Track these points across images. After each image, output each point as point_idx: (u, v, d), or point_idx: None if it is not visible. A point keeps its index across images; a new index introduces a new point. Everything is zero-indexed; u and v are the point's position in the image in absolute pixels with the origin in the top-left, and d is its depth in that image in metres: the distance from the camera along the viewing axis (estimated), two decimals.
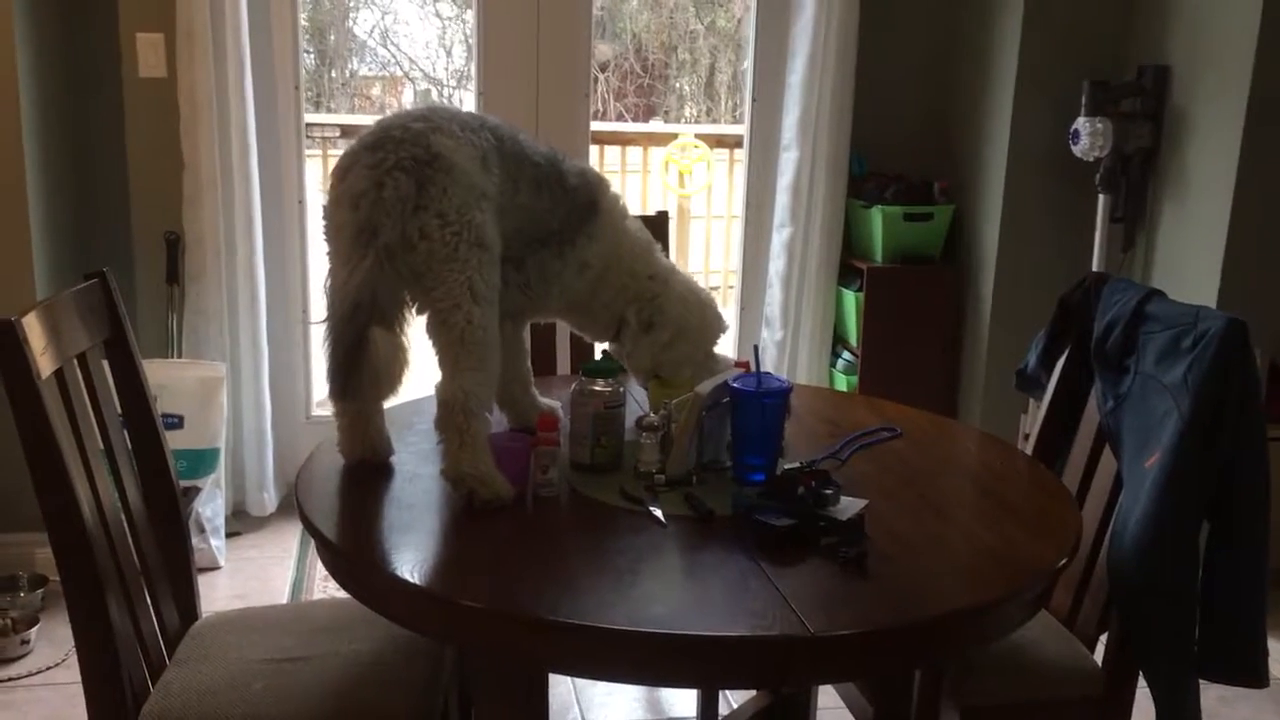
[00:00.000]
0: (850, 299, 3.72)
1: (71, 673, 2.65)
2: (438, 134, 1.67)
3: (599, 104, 7.14)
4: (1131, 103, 3.26)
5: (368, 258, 1.60)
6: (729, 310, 2.96)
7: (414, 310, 1.71)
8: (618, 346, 1.96)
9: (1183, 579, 1.76)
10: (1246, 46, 2.87)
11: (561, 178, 1.84)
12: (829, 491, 1.58)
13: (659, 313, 1.91)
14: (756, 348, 1.93)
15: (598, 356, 2.17)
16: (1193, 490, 1.73)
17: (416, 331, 1.76)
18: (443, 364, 1.67)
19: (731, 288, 4.28)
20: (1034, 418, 2.22)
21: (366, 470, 1.77)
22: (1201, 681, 1.80)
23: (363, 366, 1.61)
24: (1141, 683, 1.82)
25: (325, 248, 1.71)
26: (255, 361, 3.46)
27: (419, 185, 1.62)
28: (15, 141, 2.92)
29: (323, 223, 1.70)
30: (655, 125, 7.30)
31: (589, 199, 1.88)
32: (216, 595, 3.09)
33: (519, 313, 1.89)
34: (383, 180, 1.61)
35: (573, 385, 1.81)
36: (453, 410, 1.63)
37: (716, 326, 1.98)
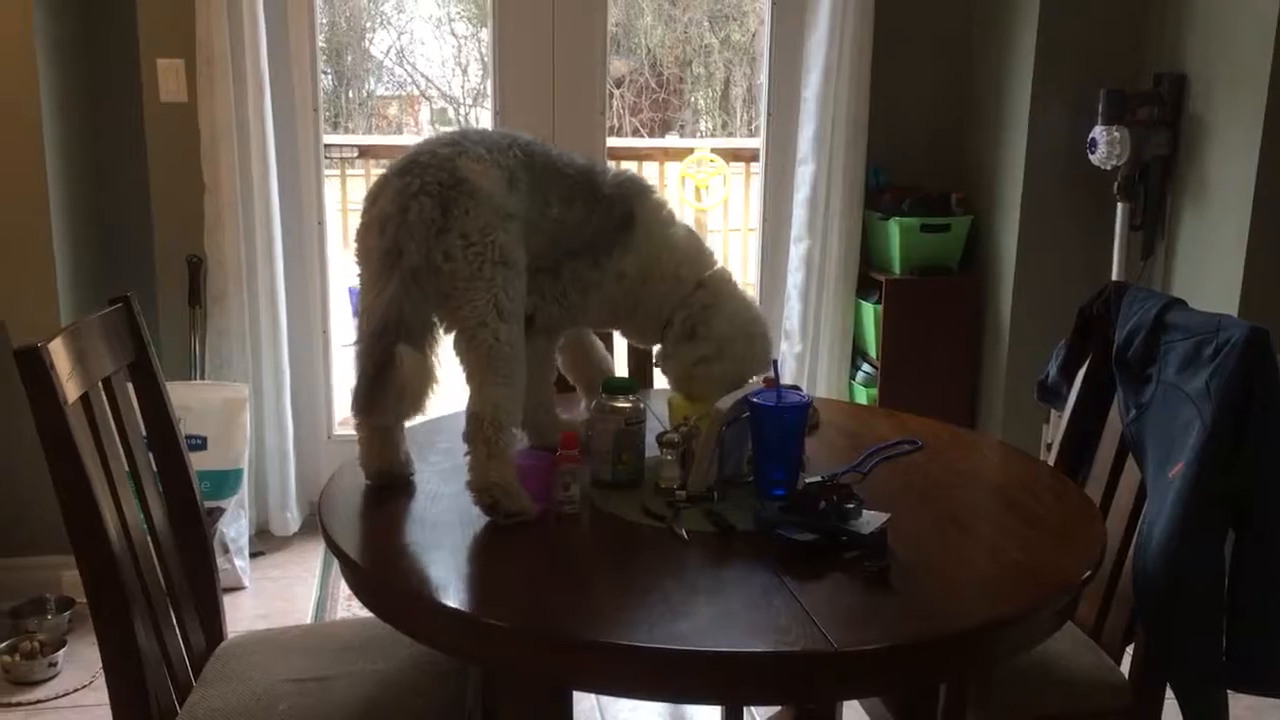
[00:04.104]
0: (869, 311, 3.71)
1: (99, 695, 2.67)
2: (464, 158, 1.69)
3: (614, 120, 7.15)
4: (1149, 111, 3.25)
5: (394, 279, 1.63)
6: None
7: (443, 329, 1.73)
8: (659, 351, 1.95)
9: (1209, 589, 1.75)
10: (1264, 53, 2.86)
11: (596, 189, 1.85)
12: (851, 505, 1.58)
13: (704, 324, 1.88)
14: (776, 361, 1.93)
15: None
16: (1217, 499, 1.72)
17: (446, 352, 1.77)
18: (471, 379, 1.69)
19: None
20: (1055, 428, 2.21)
21: (389, 489, 1.78)
22: (1229, 692, 1.79)
23: (389, 383, 1.63)
24: (1169, 694, 1.81)
25: (348, 269, 1.74)
26: (277, 382, 3.48)
27: (444, 209, 1.65)
28: (39, 168, 2.95)
29: (354, 246, 1.73)
30: (671, 140, 7.32)
31: (625, 209, 1.87)
32: (241, 615, 3.10)
33: (554, 326, 1.89)
34: (408, 204, 1.64)
35: (593, 402, 1.82)
36: (481, 423, 1.64)
37: (761, 359, 1.93)
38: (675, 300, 1.90)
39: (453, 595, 1.44)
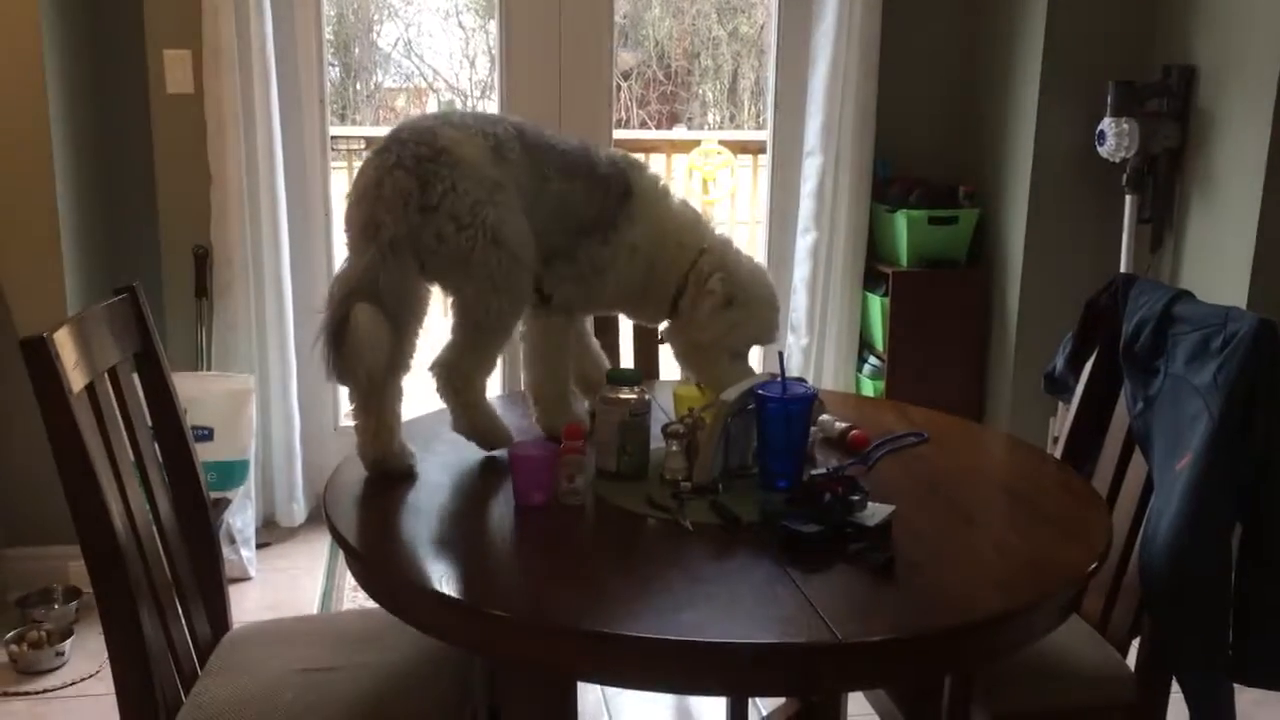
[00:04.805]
0: (876, 304, 3.70)
1: (105, 684, 2.68)
2: (445, 127, 1.75)
3: (622, 112, 7.14)
4: (1157, 103, 3.23)
5: (369, 251, 1.68)
6: None
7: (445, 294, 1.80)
8: (671, 323, 1.96)
9: (1215, 582, 1.74)
10: (1273, 45, 2.85)
11: (593, 166, 1.88)
12: (856, 497, 1.57)
13: (740, 289, 1.90)
14: (781, 354, 1.93)
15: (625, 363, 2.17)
16: (1225, 492, 1.72)
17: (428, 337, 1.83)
18: (453, 332, 1.78)
19: None
20: (1063, 421, 2.20)
21: (394, 481, 1.78)
22: (1235, 685, 1.78)
23: (344, 344, 1.66)
24: (1175, 687, 1.81)
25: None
26: (283, 373, 3.48)
27: (422, 182, 1.69)
28: (45, 159, 2.96)
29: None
30: (678, 132, 7.29)
31: (623, 183, 1.90)
32: (247, 606, 3.11)
33: (572, 305, 1.91)
34: (382, 179, 1.70)
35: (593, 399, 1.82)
36: (449, 374, 1.78)
37: (775, 324, 1.97)
38: (681, 269, 1.91)
39: (457, 586, 1.44)
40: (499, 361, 1.86)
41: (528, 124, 1.85)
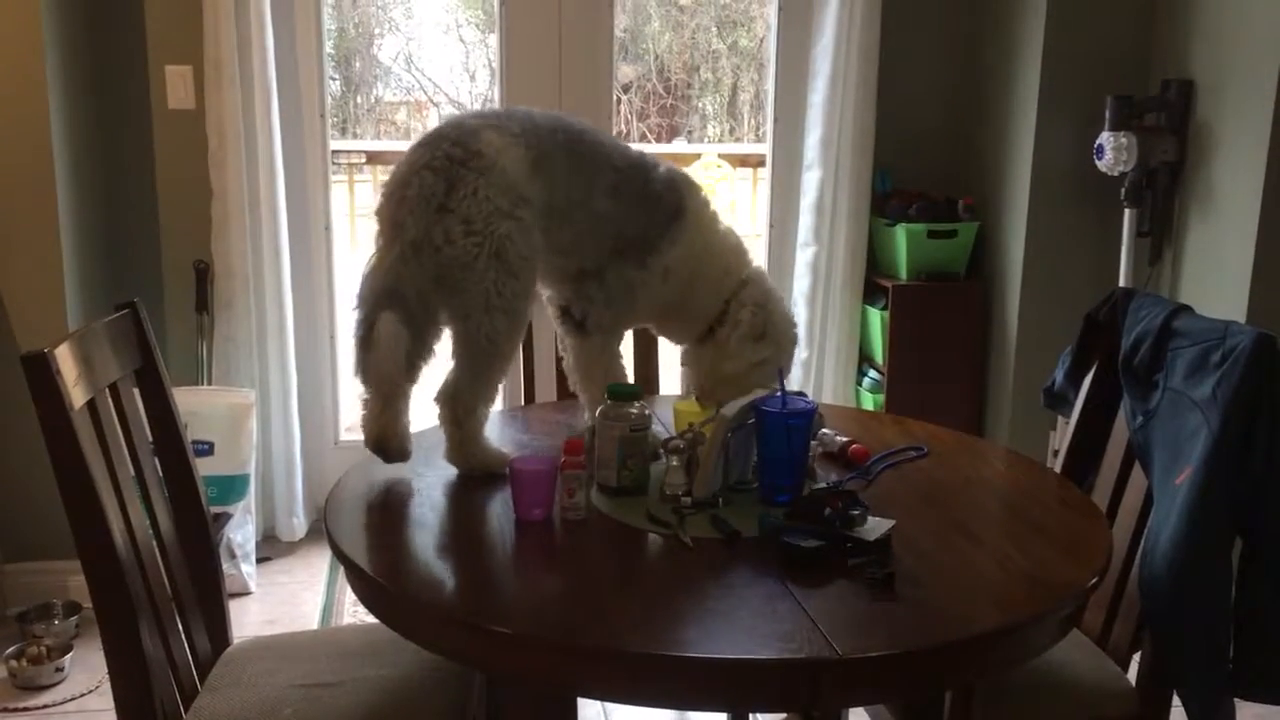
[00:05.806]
0: (875, 317, 3.71)
1: (105, 700, 2.67)
2: (489, 130, 1.72)
3: (622, 125, 7.14)
4: (1155, 117, 3.24)
5: (394, 251, 1.68)
6: None
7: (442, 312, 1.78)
8: (695, 348, 1.95)
9: (1216, 597, 1.74)
10: (1271, 59, 2.85)
11: (647, 184, 1.85)
12: (856, 512, 1.58)
13: (773, 326, 1.90)
14: (781, 369, 1.93)
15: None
16: (1224, 506, 1.72)
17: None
18: (453, 357, 1.77)
19: None
20: (1062, 435, 2.20)
21: (395, 495, 1.78)
22: (1237, 699, 1.78)
23: (369, 352, 1.68)
24: (1176, 702, 1.80)
25: (355, 274, 1.80)
26: (284, 387, 3.48)
27: (449, 184, 1.67)
28: (47, 174, 2.97)
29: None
30: (678, 145, 7.30)
31: (675, 204, 1.88)
32: (247, 620, 3.10)
33: (608, 327, 1.90)
34: (410, 179, 1.69)
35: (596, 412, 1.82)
36: (451, 402, 1.76)
37: (789, 362, 1.98)
38: (722, 295, 1.90)
39: (456, 602, 1.44)
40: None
41: (588, 134, 1.82)
